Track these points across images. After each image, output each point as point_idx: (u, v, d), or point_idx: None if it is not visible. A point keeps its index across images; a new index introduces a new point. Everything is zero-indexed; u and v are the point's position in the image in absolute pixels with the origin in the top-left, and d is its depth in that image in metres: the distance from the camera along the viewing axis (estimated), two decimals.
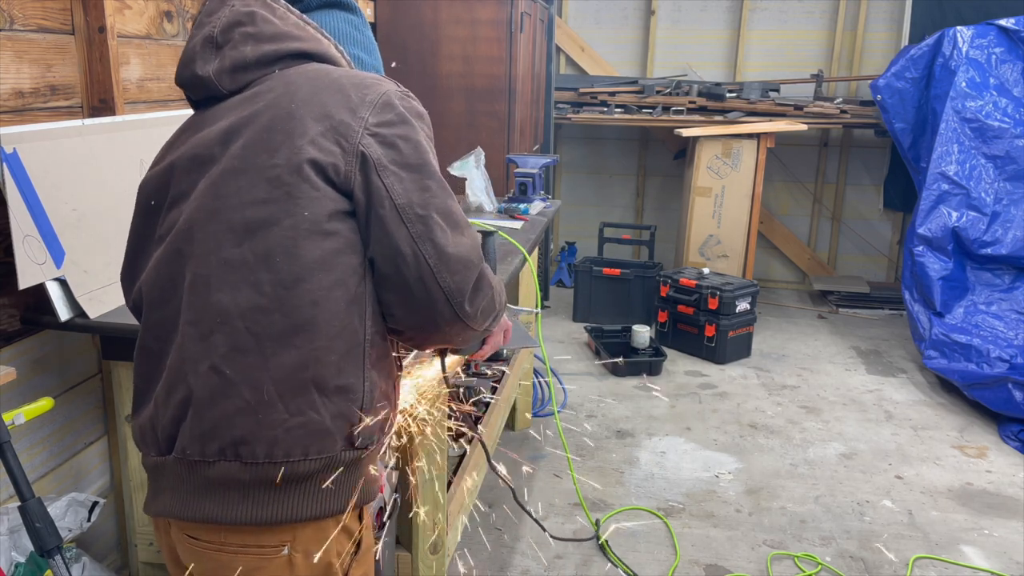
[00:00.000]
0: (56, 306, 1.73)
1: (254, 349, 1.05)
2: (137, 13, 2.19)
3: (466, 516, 2.35)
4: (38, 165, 1.73)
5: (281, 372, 1.05)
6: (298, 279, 1.05)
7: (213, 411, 1.06)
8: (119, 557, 2.22)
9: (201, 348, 1.07)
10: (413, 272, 1.08)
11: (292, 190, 1.05)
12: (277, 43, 1.16)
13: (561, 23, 5.53)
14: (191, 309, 1.08)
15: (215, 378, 1.06)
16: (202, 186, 1.11)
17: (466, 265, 1.11)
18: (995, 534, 2.74)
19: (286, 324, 1.05)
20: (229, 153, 1.10)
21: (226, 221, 1.07)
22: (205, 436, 1.06)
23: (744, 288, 4.30)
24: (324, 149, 1.06)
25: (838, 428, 3.54)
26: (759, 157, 4.69)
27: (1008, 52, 4.24)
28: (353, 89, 1.11)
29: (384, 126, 1.10)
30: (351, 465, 1.11)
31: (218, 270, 1.06)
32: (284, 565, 1.10)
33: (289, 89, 1.11)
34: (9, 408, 1.60)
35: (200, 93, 1.19)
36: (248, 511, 1.07)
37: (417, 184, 1.09)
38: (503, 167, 3.81)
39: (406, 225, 1.07)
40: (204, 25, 1.17)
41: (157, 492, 1.14)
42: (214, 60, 1.15)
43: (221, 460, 1.06)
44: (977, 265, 4.23)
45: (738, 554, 2.60)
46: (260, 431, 1.05)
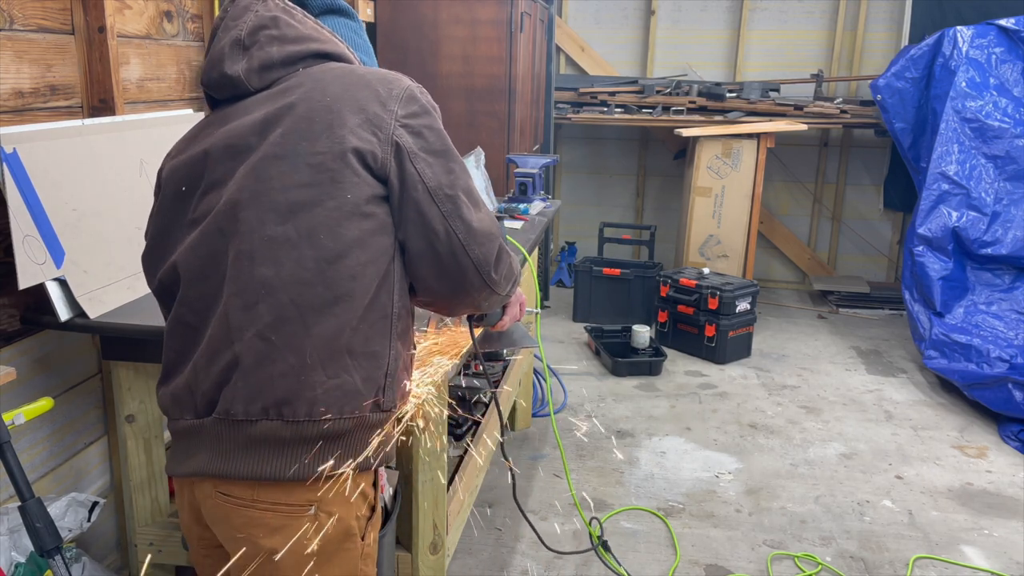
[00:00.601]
0: (56, 306, 1.73)
1: (297, 318, 1.15)
2: (137, 13, 2.19)
3: (466, 516, 2.35)
4: (38, 165, 1.73)
5: (321, 339, 1.15)
6: (339, 255, 1.16)
7: (259, 374, 1.15)
8: (119, 557, 2.22)
9: (246, 317, 1.16)
10: (445, 247, 1.21)
11: (336, 175, 1.16)
12: (300, 44, 1.27)
13: (561, 23, 5.53)
14: (235, 283, 1.17)
15: (261, 344, 1.15)
16: (242, 171, 1.20)
17: (489, 237, 1.24)
18: (995, 534, 2.74)
19: (327, 296, 1.16)
20: (268, 141, 1.19)
21: (269, 202, 1.17)
22: (250, 397, 1.15)
23: (744, 288, 4.30)
24: (363, 139, 1.18)
25: (838, 428, 3.54)
26: (759, 157, 4.69)
27: (1008, 52, 4.24)
28: (379, 84, 1.23)
29: (411, 117, 1.22)
30: (377, 426, 1.21)
31: (262, 246, 1.16)
32: (310, 523, 1.19)
33: (319, 85, 1.22)
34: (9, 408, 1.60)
35: (226, 92, 1.28)
36: (285, 466, 1.16)
37: (443, 168, 1.22)
38: (503, 167, 3.81)
39: (437, 205, 1.20)
40: (230, 29, 1.27)
41: (189, 453, 1.22)
42: (242, 60, 1.25)
43: (264, 419, 1.15)
44: (977, 265, 4.23)
45: (738, 554, 2.60)
46: (302, 392, 1.15)
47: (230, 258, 1.18)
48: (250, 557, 1.21)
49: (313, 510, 1.18)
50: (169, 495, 2.07)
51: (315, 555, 1.20)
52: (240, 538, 1.21)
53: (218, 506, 1.21)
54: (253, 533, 1.19)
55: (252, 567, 1.21)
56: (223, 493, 1.19)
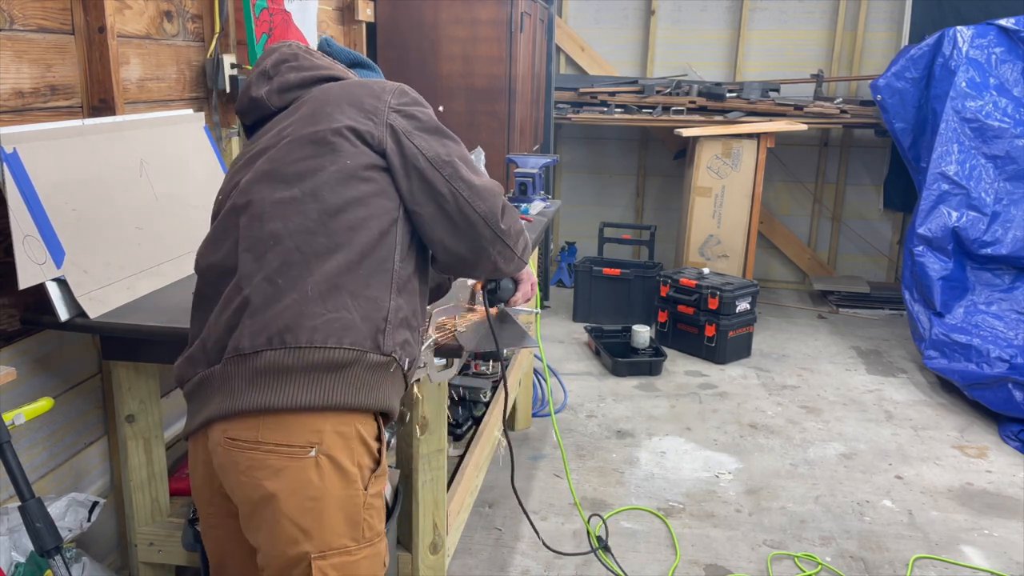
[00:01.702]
0: (56, 306, 1.73)
1: (301, 263, 1.28)
2: (137, 13, 2.19)
3: (466, 516, 2.35)
4: (38, 165, 1.73)
5: (321, 278, 1.27)
6: (340, 209, 1.31)
7: (266, 311, 1.26)
8: (119, 557, 2.22)
9: (256, 266, 1.29)
10: (453, 205, 1.37)
11: (335, 146, 1.34)
12: (314, 71, 1.48)
13: (561, 23, 5.53)
14: (246, 239, 1.31)
15: (268, 287, 1.27)
16: (259, 163, 1.37)
17: (492, 192, 1.42)
18: (995, 534, 2.74)
19: (329, 243, 1.29)
20: (280, 139, 1.38)
21: (277, 175, 1.34)
22: (256, 332, 1.25)
23: (744, 288, 4.30)
24: (359, 121, 1.36)
25: (838, 428, 3.54)
26: (759, 157, 4.69)
27: (1008, 52, 4.24)
28: (375, 84, 1.44)
29: (403, 105, 1.41)
30: (378, 367, 1.30)
31: (271, 208, 1.31)
32: (311, 466, 1.25)
33: (325, 93, 1.42)
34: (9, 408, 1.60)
35: (253, 115, 1.50)
36: (288, 395, 1.23)
37: (438, 141, 1.40)
38: (503, 167, 3.81)
39: (439, 170, 1.37)
40: (259, 65, 1.51)
41: (201, 406, 1.31)
42: (265, 86, 1.48)
43: (268, 349, 1.24)
44: (977, 265, 4.23)
45: (738, 554, 2.60)
46: (303, 320, 1.25)
47: (242, 225, 1.33)
48: (255, 503, 1.27)
49: (314, 452, 1.24)
50: (169, 495, 2.07)
51: (317, 500, 1.25)
52: (245, 481, 1.26)
53: (226, 452, 1.27)
54: (257, 476, 1.25)
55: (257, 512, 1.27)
56: (230, 439, 1.26)
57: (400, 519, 1.94)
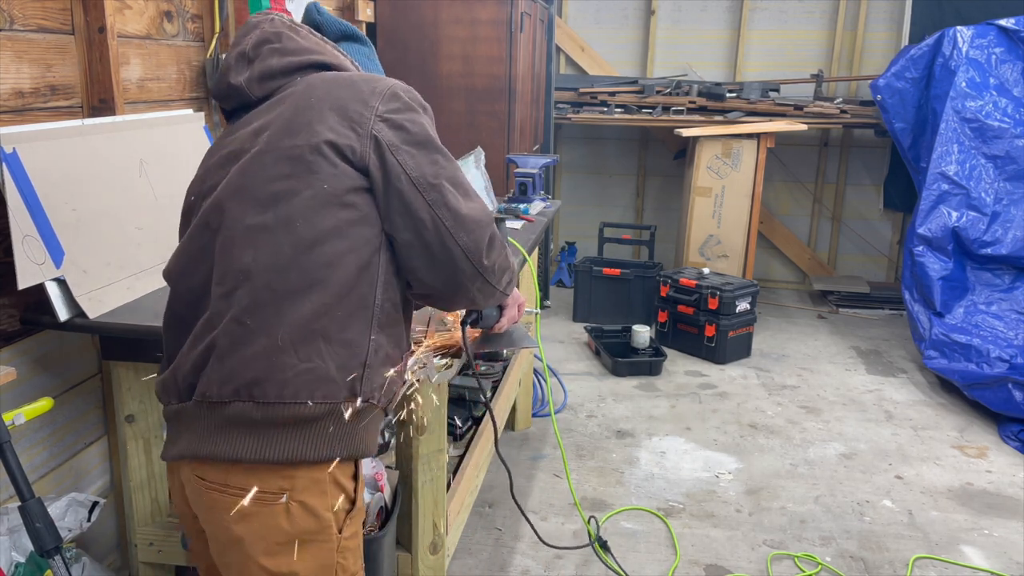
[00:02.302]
0: (56, 306, 1.73)
1: (271, 303, 1.17)
2: (137, 13, 2.19)
3: (466, 516, 2.35)
4: (38, 165, 1.73)
5: (294, 323, 1.17)
6: (315, 242, 1.18)
7: (233, 356, 1.17)
8: (119, 557, 2.22)
9: (225, 303, 1.19)
10: (433, 235, 1.22)
11: (312, 166, 1.19)
12: (299, 56, 1.32)
13: (561, 23, 5.53)
14: (219, 269, 1.21)
15: (237, 328, 1.18)
16: (233, 171, 1.25)
17: (478, 224, 1.25)
18: (995, 534, 2.74)
19: (302, 281, 1.17)
20: (256, 143, 1.25)
21: (251, 195, 1.21)
22: (224, 379, 1.17)
23: (744, 288, 4.30)
24: (340, 133, 1.21)
25: (838, 428, 3.54)
26: (759, 157, 4.69)
27: (1008, 52, 4.23)
28: (363, 83, 1.27)
29: (392, 112, 1.24)
30: (353, 416, 1.21)
31: (242, 235, 1.20)
32: (281, 512, 1.18)
33: (309, 89, 1.27)
34: (9, 408, 1.60)
35: (233, 102, 1.35)
36: (256, 448, 1.16)
37: (427, 158, 1.24)
38: (503, 167, 3.80)
39: (422, 194, 1.21)
40: (238, 44, 1.35)
41: (175, 437, 1.25)
42: (245, 71, 1.32)
43: (236, 400, 1.17)
44: (977, 265, 4.23)
45: (738, 554, 2.60)
46: (273, 373, 1.16)
47: (216, 249, 1.22)
48: (223, 543, 1.22)
49: (285, 498, 1.18)
50: (169, 495, 2.07)
51: (287, 545, 1.19)
52: (213, 521, 1.21)
53: (195, 490, 1.23)
54: (225, 518, 1.19)
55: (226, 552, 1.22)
56: (199, 476, 1.21)
57: (400, 519, 1.94)
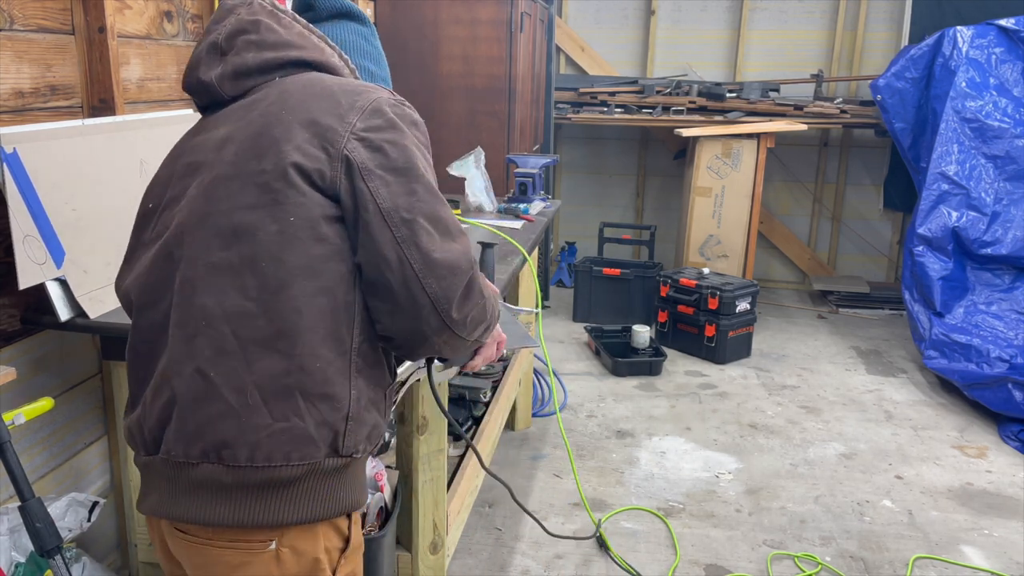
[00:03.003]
0: (56, 306, 1.73)
1: (237, 353, 1.05)
2: (137, 13, 2.19)
3: (466, 516, 2.35)
4: (38, 165, 1.73)
5: (265, 377, 1.05)
6: (283, 284, 1.05)
7: (197, 414, 1.06)
8: (119, 557, 2.22)
9: (186, 350, 1.07)
10: (398, 277, 1.07)
11: (278, 196, 1.06)
12: (278, 51, 1.18)
13: (561, 23, 5.53)
14: (178, 311, 1.09)
15: (199, 381, 1.06)
16: (193, 191, 1.12)
17: (453, 271, 1.09)
18: (995, 534, 2.74)
19: (270, 329, 1.05)
20: (221, 159, 1.11)
21: (215, 226, 1.08)
22: (189, 438, 1.07)
23: (744, 288, 4.30)
24: (309, 155, 1.07)
25: (838, 428, 3.54)
26: (759, 157, 4.69)
27: (1008, 52, 4.24)
28: (343, 95, 1.12)
29: (372, 131, 1.10)
30: (335, 472, 1.11)
31: (204, 273, 1.07)
32: (271, 560, 1.10)
33: (281, 97, 1.13)
34: (9, 408, 1.60)
35: (204, 99, 1.22)
36: (231, 513, 1.07)
37: (404, 188, 1.08)
38: (503, 167, 3.81)
39: (391, 229, 1.06)
40: (211, 32, 1.20)
41: (147, 490, 1.16)
42: (217, 66, 1.18)
43: (204, 462, 1.07)
44: (977, 265, 4.23)
45: (738, 554, 2.60)
46: (243, 435, 1.05)
47: (176, 285, 1.10)
48: None
49: (274, 545, 1.10)
50: None
51: None
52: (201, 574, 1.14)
53: (178, 544, 1.15)
54: (214, 572, 1.12)
55: None
56: (180, 531, 1.13)
57: (400, 519, 1.94)
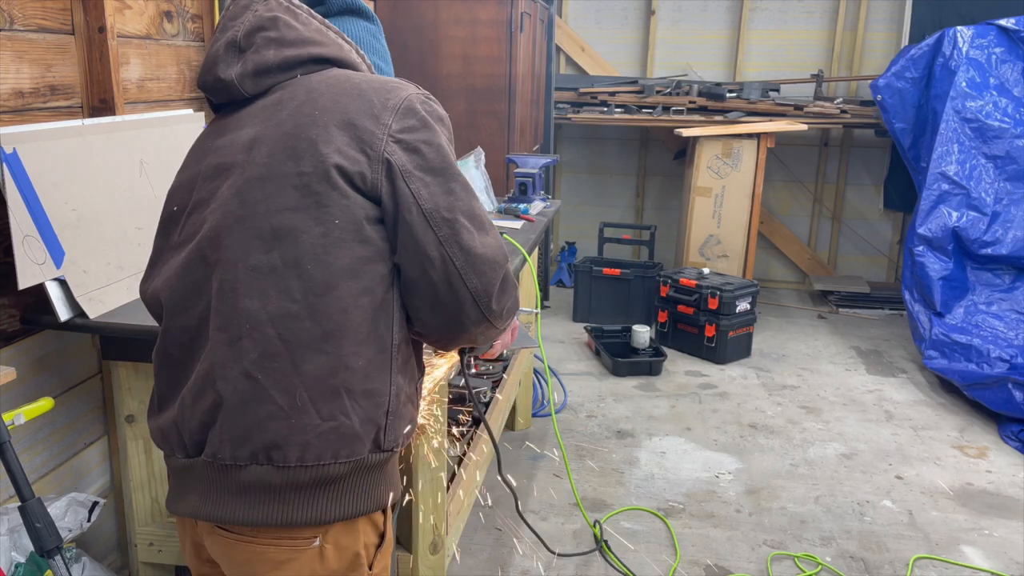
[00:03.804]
0: (56, 306, 1.73)
1: (285, 355, 1.07)
2: (137, 13, 2.19)
3: (466, 516, 2.35)
4: (38, 165, 1.73)
5: (312, 378, 1.08)
6: (328, 286, 1.07)
7: (245, 416, 1.08)
8: (119, 557, 2.22)
9: (230, 354, 1.08)
10: (440, 275, 1.10)
11: (322, 198, 1.08)
12: (299, 48, 1.18)
13: (561, 23, 5.53)
14: (219, 315, 1.10)
15: (247, 384, 1.08)
16: (226, 193, 1.12)
17: (492, 266, 1.13)
18: (995, 534, 2.74)
19: (317, 331, 1.07)
20: (253, 160, 1.12)
21: (254, 228, 1.09)
22: (237, 440, 1.08)
23: (744, 288, 4.30)
24: (349, 157, 1.09)
25: (838, 428, 3.54)
26: (759, 157, 4.69)
27: (1008, 52, 4.24)
28: (375, 94, 1.14)
29: (407, 131, 1.12)
30: (377, 467, 1.15)
31: (245, 276, 1.08)
32: (315, 556, 1.13)
33: (311, 96, 1.13)
34: (9, 408, 1.60)
35: (222, 96, 1.22)
36: (279, 513, 1.09)
37: (442, 188, 1.12)
38: (503, 167, 3.81)
39: (433, 229, 1.09)
40: (227, 29, 1.20)
41: (183, 492, 1.16)
42: (236, 64, 1.18)
43: (253, 464, 1.08)
44: (977, 265, 4.23)
45: (738, 554, 2.60)
46: (293, 436, 1.07)
47: (214, 289, 1.11)
48: None
49: (318, 542, 1.13)
50: None
51: None
52: (243, 573, 1.16)
53: (219, 543, 1.16)
54: (258, 569, 1.14)
55: None
56: (224, 529, 1.14)
57: (400, 519, 1.94)
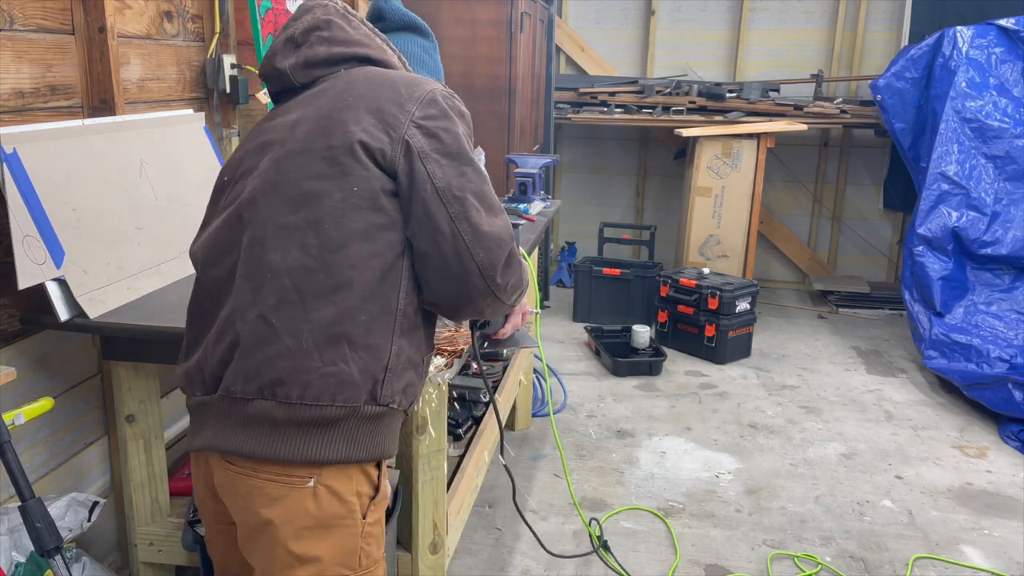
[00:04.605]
0: (56, 306, 1.73)
1: (297, 303, 1.20)
2: (137, 13, 2.19)
3: (466, 516, 2.35)
4: (38, 165, 1.73)
5: (319, 325, 1.20)
6: (341, 244, 1.20)
7: (257, 354, 1.20)
8: (119, 557, 2.22)
9: (251, 299, 1.22)
10: (450, 247, 1.22)
11: (345, 168, 1.22)
12: (345, 47, 1.35)
13: (561, 23, 5.53)
14: (245, 266, 1.24)
15: (262, 326, 1.20)
16: (265, 163, 1.28)
17: (498, 243, 1.25)
18: (995, 534, 2.74)
19: (327, 283, 1.20)
20: (292, 136, 1.27)
21: (285, 192, 1.23)
22: (248, 375, 1.20)
23: (744, 288, 4.30)
24: (373, 136, 1.23)
25: (838, 428, 3.54)
26: (759, 157, 4.69)
27: (1008, 52, 4.24)
28: (404, 86, 1.29)
29: (428, 119, 1.26)
30: (373, 419, 1.25)
31: (272, 233, 1.22)
32: (309, 496, 1.22)
33: (349, 86, 1.29)
34: (9, 408, 1.60)
35: (277, 85, 1.39)
36: (278, 448, 1.20)
37: (455, 170, 1.24)
38: (503, 167, 3.80)
39: (444, 205, 1.22)
40: (289, 27, 1.37)
41: (200, 428, 1.28)
42: (291, 56, 1.35)
43: (259, 398, 1.20)
44: (977, 265, 4.23)
45: (738, 554, 2.60)
46: (296, 375, 1.19)
47: (244, 244, 1.25)
48: (252, 527, 1.26)
49: (312, 482, 1.22)
50: (169, 495, 2.07)
51: (314, 529, 1.23)
52: (242, 506, 1.25)
53: (225, 475, 1.26)
54: (254, 502, 1.23)
55: (254, 537, 1.26)
56: (229, 462, 1.24)
57: (400, 519, 1.94)
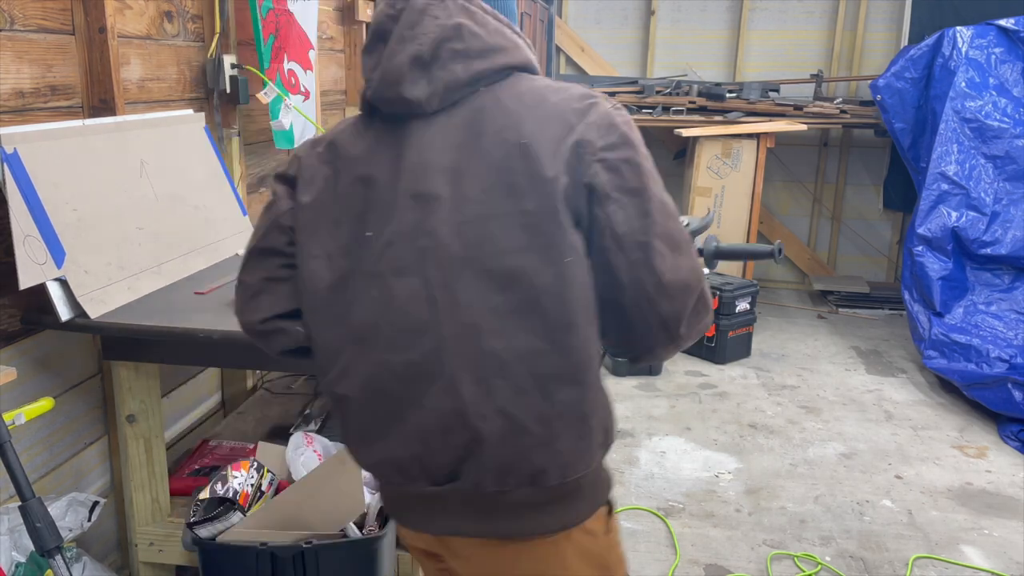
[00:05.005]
0: (56, 306, 1.73)
1: (536, 389, 1.11)
2: (137, 13, 2.19)
3: None
4: (38, 165, 1.73)
5: (565, 406, 1.12)
6: (571, 324, 1.10)
7: (507, 449, 1.12)
8: (119, 557, 2.22)
9: (482, 392, 1.11)
10: (631, 299, 1.10)
11: (552, 239, 1.08)
12: (485, 59, 1.13)
13: (561, 23, 5.53)
14: (460, 356, 1.11)
15: (504, 422, 1.11)
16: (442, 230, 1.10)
17: (684, 290, 1.11)
18: (995, 534, 2.74)
19: (565, 364, 1.11)
20: (465, 195, 1.10)
21: (483, 270, 1.09)
22: (502, 471, 1.13)
23: (744, 288, 4.30)
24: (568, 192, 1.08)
25: (838, 428, 3.54)
26: (759, 157, 4.69)
27: (1008, 52, 4.24)
28: (573, 114, 1.11)
29: (608, 150, 1.10)
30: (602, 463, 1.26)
31: (486, 318, 1.10)
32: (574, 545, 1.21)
33: (511, 121, 1.10)
34: (9, 408, 1.60)
35: (396, 110, 1.15)
36: (542, 523, 1.17)
37: (638, 210, 1.09)
38: None
39: (625, 253, 1.08)
40: (407, 40, 1.12)
41: (433, 513, 1.20)
42: (422, 80, 1.12)
43: (519, 488, 1.14)
44: (977, 265, 4.23)
45: (738, 554, 2.60)
46: (554, 459, 1.14)
47: (449, 330, 1.11)
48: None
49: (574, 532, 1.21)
50: (169, 495, 2.07)
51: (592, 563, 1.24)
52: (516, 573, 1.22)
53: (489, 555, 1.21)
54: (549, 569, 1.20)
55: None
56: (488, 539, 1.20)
57: None
